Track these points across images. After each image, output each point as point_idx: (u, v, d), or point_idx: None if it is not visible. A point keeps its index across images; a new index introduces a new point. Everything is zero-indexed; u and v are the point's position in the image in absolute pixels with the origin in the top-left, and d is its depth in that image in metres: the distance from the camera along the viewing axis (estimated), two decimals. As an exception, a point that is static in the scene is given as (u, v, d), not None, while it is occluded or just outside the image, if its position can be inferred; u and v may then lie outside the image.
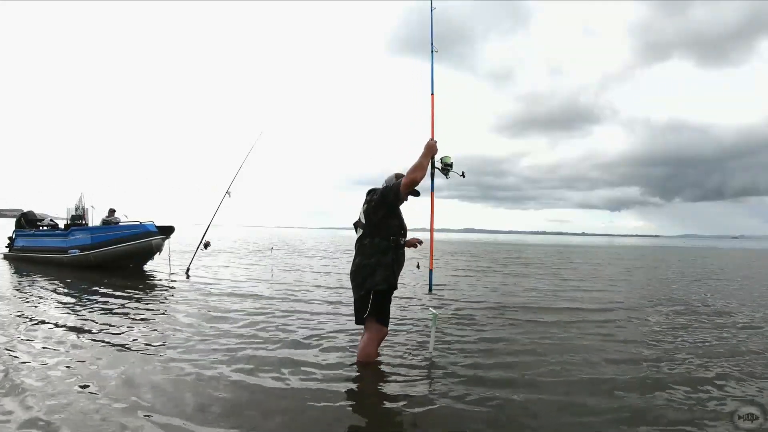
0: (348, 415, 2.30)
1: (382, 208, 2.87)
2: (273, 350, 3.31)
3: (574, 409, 2.37)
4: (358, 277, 2.87)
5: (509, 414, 2.31)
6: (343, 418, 2.25)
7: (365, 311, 2.82)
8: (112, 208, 10.29)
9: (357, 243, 2.96)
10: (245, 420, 2.15)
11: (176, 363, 2.96)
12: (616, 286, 7.87)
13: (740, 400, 2.48)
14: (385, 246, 2.85)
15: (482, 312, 5.01)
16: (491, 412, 2.31)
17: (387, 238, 2.86)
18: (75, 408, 2.23)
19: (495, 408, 2.36)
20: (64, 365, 2.89)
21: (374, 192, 2.95)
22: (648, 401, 2.48)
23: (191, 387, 2.55)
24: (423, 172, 2.83)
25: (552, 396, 2.54)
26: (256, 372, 2.82)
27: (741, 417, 2.25)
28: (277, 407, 2.31)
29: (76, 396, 2.38)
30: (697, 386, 2.69)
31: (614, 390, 2.63)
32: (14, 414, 2.15)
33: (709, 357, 3.33)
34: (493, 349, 3.49)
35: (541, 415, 2.30)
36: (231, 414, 2.22)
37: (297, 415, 2.24)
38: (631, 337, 3.95)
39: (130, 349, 3.32)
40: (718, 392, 2.61)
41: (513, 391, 2.61)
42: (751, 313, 5.30)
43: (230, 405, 2.32)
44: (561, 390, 2.63)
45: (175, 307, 5.05)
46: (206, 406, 2.29)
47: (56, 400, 2.31)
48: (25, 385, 2.52)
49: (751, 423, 2.21)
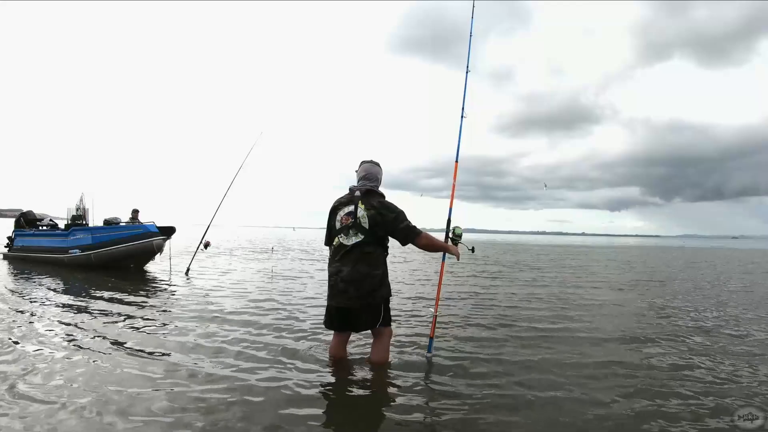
0: (350, 414, 2.30)
1: (390, 234, 2.81)
2: (273, 350, 3.31)
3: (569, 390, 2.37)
4: (364, 287, 2.72)
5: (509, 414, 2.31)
6: (343, 418, 2.25)
7: (377, 321, 2.80)
8: (136, 209, 10.29)
9: (355, 248, 2.75)
10: (242, 418, 2.15)
11: (176, 362, 2.96)
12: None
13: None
14: (385, 257, 2.89)
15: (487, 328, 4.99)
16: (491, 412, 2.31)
17: (386, 249, 2.89)
18: (67, 411, 2.22)
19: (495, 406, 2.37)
20: (60, 365, 2.88)
21: (372, 197, 2.82)
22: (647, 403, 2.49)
23: (191, 385, 2.55)
24: (433, 250, 2.93)
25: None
26: (255, 371, 2.82)
27: (741, 417, 2.26)
28: (277, 407, 2.30)
29: (68, 398, 2.37)
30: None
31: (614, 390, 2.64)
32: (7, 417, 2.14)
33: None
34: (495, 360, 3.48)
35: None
36: (229, 413, 2.21)
37: (297, 414, 2.24)
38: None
39: (131, 348, 3.31)
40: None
41: (514, 390, 2.61)
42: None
43: (230, 404, 2.31)
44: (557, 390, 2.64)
45: (174, 307, 5.05)
46: (205, 406, 2.28)
47: (50, 404, 2.31)
48: (19, 386, 2.52)
49: (751, 423, 2.22)
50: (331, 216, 2.93)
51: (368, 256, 2.76)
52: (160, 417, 2.14)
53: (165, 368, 2.86)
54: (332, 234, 2.90)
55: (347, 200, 2.88)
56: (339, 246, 2.82)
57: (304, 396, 2.46)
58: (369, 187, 2.87)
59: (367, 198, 2.83)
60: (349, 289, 2.72)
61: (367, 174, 2.93)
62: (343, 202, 2.90)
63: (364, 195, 2.84)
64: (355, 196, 2.85)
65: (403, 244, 2.83)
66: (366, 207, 2.79)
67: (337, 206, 2.91)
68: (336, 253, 2.84)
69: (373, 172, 2.94)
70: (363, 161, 3.01)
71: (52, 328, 3.87)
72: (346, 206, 2.86)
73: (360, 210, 2.79)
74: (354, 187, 2.93)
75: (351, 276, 2.72)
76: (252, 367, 2.92)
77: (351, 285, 2.72)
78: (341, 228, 2.82)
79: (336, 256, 2.83)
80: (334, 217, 2.90)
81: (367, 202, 2.80)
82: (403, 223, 2.78)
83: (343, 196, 2.95)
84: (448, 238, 3.11)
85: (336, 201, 2.96)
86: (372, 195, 2.86)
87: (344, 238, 2.80)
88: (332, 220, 2.91)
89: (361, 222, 2.77)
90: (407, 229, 2.78)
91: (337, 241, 2.84)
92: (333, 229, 2.90)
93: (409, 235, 2.78)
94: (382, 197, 2.89)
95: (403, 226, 2.77)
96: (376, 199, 2.84)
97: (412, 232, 2.79)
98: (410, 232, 2.78)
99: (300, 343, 3.54)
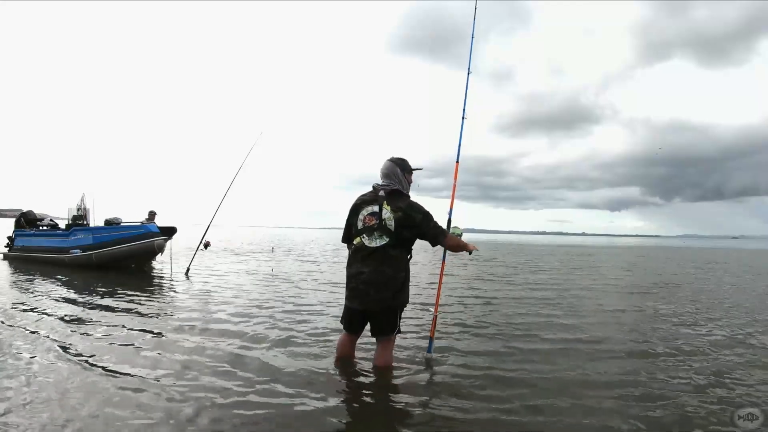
0: (349, 415, 2.30)
1: (419, 235, 2.72)
2: (272, 349, 3.31)
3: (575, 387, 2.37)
4: (388, 290, 2.63)
5: (509, 415, 2.30)
6: (343, 418, 2.25)
7: (393, 328, 2.73)
8: (153, 211, 10.28)
9: (379, 250, 2.65)
10: (239, 417, 2.15)
11: (176, 362, 2.96)
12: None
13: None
14: (408, 260, 2.79)
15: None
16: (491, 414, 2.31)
17: (410, 251, 2.80)
18: (67, 405, 2.23)
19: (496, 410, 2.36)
20: (60, 364, 2.88)
21: (398, 198, 2.71)
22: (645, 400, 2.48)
23: (190, 385, 2.55)
24: (458, 250, 2.85)
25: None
26: (255, 370, 2.82)
27: (741, 417, 2.25)
28: (277, 406, 2.31)
29: (72, 396, 2.38)
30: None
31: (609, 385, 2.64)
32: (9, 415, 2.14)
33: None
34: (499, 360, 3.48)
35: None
36: (227, 413, 2.21)
37: (296, 414, 2.24)
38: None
39: (131, 346, 3.32)
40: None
41: (515, 390, 2.61)
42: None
43: (228, 404, 2.31)
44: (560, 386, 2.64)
45: (174, 307, 5.06)
46: (201, 406, 2.28)
47: (50, 402, 2.31)
48: (15, 384, 2.52)
49: (751, 423, 2.21)
50: (352, 214, 2.81)
51: (392, 258, 2.67)
52: (157, 419, 2.14)
53: (164, 369, 2.86)
54: (353, 233, 2.79)
55: (371, 199, 2.76)
56: (361, 247, 2.71)
57: (303, 396, 2.46)
58: (395, 188, 2.76)
59: (392, 199, 2.71)
60: (370, 291, 2.64)
61: (387, 173, 2.79)
62: (366, 200, 2.77)
63: (389, 195, 2.72)
64: (379, 196, 2.72)
65: (433, 245, 2.77)
66: (392, 209, 2.67)
67: (359, 204, 2.79)
68: (357, 253, 2.74)
69: (393, 171, 2.80)
70: (388, 159, 2.85)
71: (51, 327, 3.86)
72: (369, 205, 2.74)
73: (385, 211, 2.67)
74: (378, 185, 2.79)
75: (373, 278, 2.64)
76: (250, 365, 2.92)
77: (372, 287, 2.64)
78: (364, 228, 2.71)
79: (357, 257, 2.74)
80: (356, 215, 2.78)
81: (393, 204, 2.68)
82: (432, 223, 2.71)
83: (366, 193, 2.82)
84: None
85: (359, 198, 2.84)
86: (398, 196, 2.74)
87: (367, 240, 2.69)
88: (353, 218, 2.79)
89: (387, 224, 2.66)
90: (436, 229, 2.72)
91: (360, 242, 2.72)
92: (354, 227, 2.78)
93: (439, 235, 2.72)
94: (407, 198, 2.80)
95: (433, 225, 2.71)
96: (403, 201, 2.73)
97: (441, 233, 2.74)
98: (440, 232, 2.73)
99: (300, 342, 3.54)
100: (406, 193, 2.81)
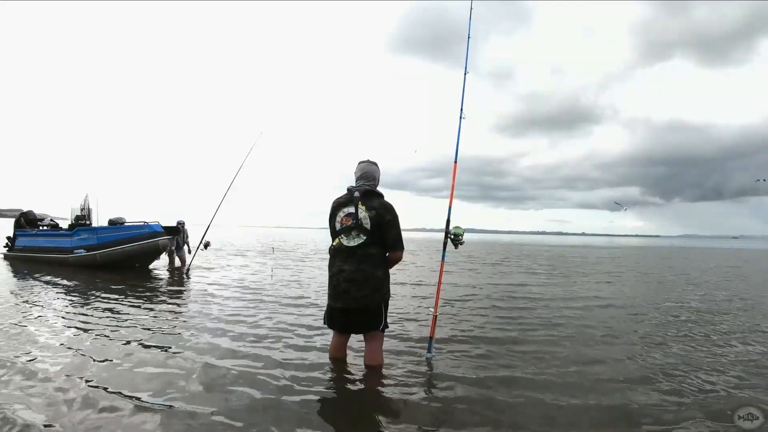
0: (349, 415, 2.31)
1: (382, 235, 2.77)
2: (272, 349, 3.32)
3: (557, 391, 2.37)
4: (367, 287, 2.71)
5: (508, 414, 2.31)
6: (342, 418, 2.25)
7: (378, 323, 2.78)
8: (182, 221, 10.09)
9: (358, 249, 2.74)
10: (237, 416, 2.15)
11: (175, 362, 2.97)
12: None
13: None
14: (384, 258, 2.85)
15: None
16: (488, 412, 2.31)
17: (386, 250, 2.85)
18: (75, 405, 2.23)
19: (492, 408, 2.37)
20: (65, 362, 2.89)
21: (372, 198, 2.79)
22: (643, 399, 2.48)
23: (190, 385, 2.55)
24: (393, 266, 2.92)
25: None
26: (254, 370, 2.82)
27: (741, 417, 2.25)
28: (276, 406, 2.31)
29: (79, 392, 2.39)
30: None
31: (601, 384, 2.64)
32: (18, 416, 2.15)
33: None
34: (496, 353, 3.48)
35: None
36: (226, 413, 2.22)
37: (295, 414, 2.24)
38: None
39: (131, 344, 3.32)
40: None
41: (515, 391, 2.61)
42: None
43: (228, 404, 2.32)
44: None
45: (174, 307, 5.07)
46: (201, 407, 2.29)
47: (56, 401, 2.32)
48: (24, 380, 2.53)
49: (751, 423, 2.21)
50: (331, 217, 2.90)
51: (371, 256, 2.75)
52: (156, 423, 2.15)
53: (164, 368, 2.86)
54: (332, 235, 2.89)
55: (346, 200, 2.85)
56: (340, 247, 2.80)
57: (302, 396, 2.46)
58: (368, 188, 2.85)
59: (366, 199, 2.79)
60: (351, 289, 2.71)
61: (364, 174, 2.90)
62: (342, 202, 2.87)
63: (363, 195, 2.80)
64: (354, 197, 2.81)
65: (389, 250, 2.83)
66: (366, 208, 2.76)
67: (336, 206, 2.88)
68: (337, 253, 2.83)
69: (370, 171, 2.91)
70: (360, 161, 2.98)
71: (53, 327, 3.87)
72: (345, 207, 2.83)
73: (361, 211, 2.76)
74: (352, 187, 2.89)
75: (353, 276, 2.72)
76: (250, 365, 2.92)
77: (353, 285, 2.71)
78: (342, 229, 2.80)
79: (337, 256, 2.82)
80: (334, 218, 2.87)
81: (368, 203, 2.77)
82: (397, 230, 2.80)
83: (342, 196, 2.91)
84: (447, 238, 3.11)
85: (335, 201, 2.92)
86: (371, 196, 2.83)
87: (345, 240, 2.77)
88: (332, 220, 2.88)
89: (363, 223, 2.74)
90: (397, 237, 2.81)
91: (338, 242, 2.81)
92: (332, 229, 2.88)
93: (397, 243, 2.82)
94: (381, 197, 2.87)
95: (396, 233, 2.81)
96: (376, 200, 2.81)
97: (399, 243, 2.83)
98: (398, 241, 2.82)
99: (299, 343, 3.54)
100: (379, 192, 2.89)
